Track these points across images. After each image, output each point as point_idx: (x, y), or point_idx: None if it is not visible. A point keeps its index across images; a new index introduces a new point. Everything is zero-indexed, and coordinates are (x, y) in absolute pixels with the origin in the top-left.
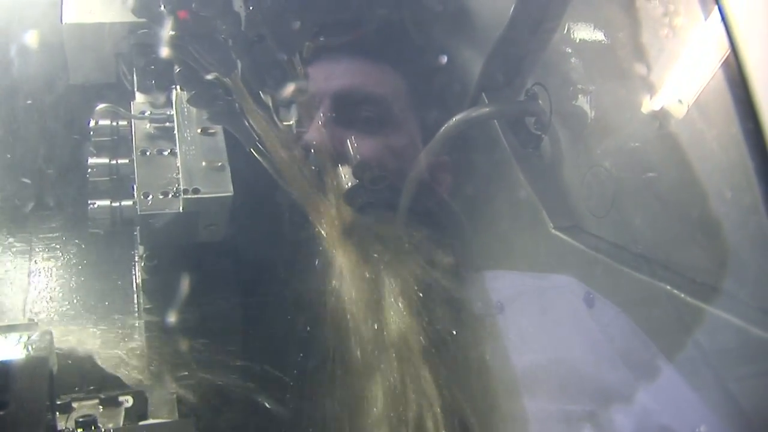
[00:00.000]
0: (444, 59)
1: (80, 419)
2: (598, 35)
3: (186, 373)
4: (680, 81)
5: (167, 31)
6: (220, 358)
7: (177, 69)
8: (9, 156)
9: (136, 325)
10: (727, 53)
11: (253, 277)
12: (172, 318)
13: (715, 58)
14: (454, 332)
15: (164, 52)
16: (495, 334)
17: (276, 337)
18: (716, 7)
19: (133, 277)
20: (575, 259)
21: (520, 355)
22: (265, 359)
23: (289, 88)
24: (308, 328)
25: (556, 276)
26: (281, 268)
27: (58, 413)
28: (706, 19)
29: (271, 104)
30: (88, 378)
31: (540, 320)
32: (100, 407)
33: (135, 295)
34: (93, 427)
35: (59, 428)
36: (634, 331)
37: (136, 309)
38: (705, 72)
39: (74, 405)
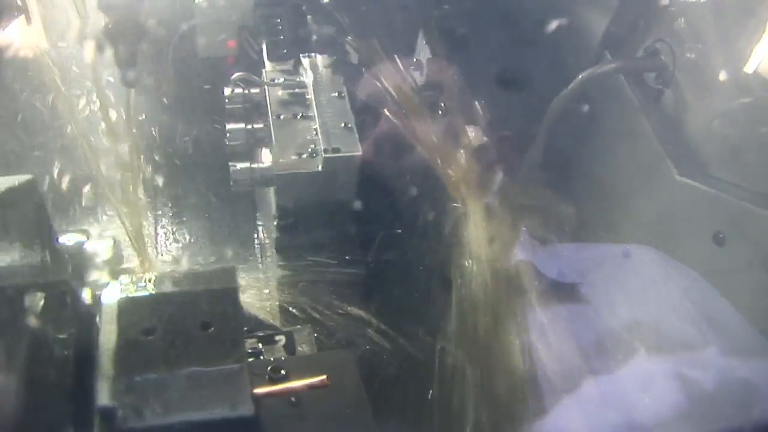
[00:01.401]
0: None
1: (249, 350)
2: None
3: (314, 318)
4: None
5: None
6: (346, 309)
7: (315, 37)
8: (141, 126)
9: (263, 278)
10: None
11: (380, 234)
12: (303, 273)
13: None
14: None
15: (307, 20)
16: (582, 300)
17: (403, 291)
18: None
19: (256, 235)
20: (701, 201)
21: (607, 318)
22: (390, 313)
23: (422, 53)
24: (432, 285)
25: (635, 246)
26: (408, 226)
27: None
28: None
29: (403, 68)
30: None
31: (623, 286)
32: (261, 344)
33: (259, 253)
34: (261, 357)
35: None
36: (712, 293)
37: (261, 264)
38: None
39: None
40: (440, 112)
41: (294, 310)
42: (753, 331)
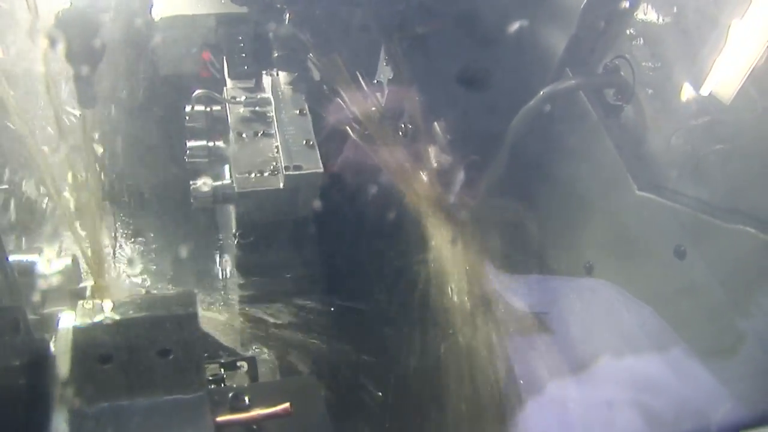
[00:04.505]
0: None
1: (210, 377)
2: (683, 11)
3: (279, 340)
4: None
5: (278, 18)
6: (308, 328)
7: (277, 54)
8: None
9: (226, 299)
10: None
11: (341, 251)
12: (264, 292)
13: None
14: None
15: (269, 37)
16: (544, 330)
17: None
18: None
19: (217, 255)
20: (662, 215)
21: (567, 348)
22: (352, 330)
23: (385, 72)
24: (394, 304)
25: (593, 280)
26: (369, 243)
27: None
28: None
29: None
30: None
31: (584, 319)
32: (222, 370)
33: (220, 272)
34: (223, 384)
35: None
36: (665, 328)
37: (223, 284)
38: None
39: None
40: (402, 134)
41: (257, 332)
42: (699, 363)
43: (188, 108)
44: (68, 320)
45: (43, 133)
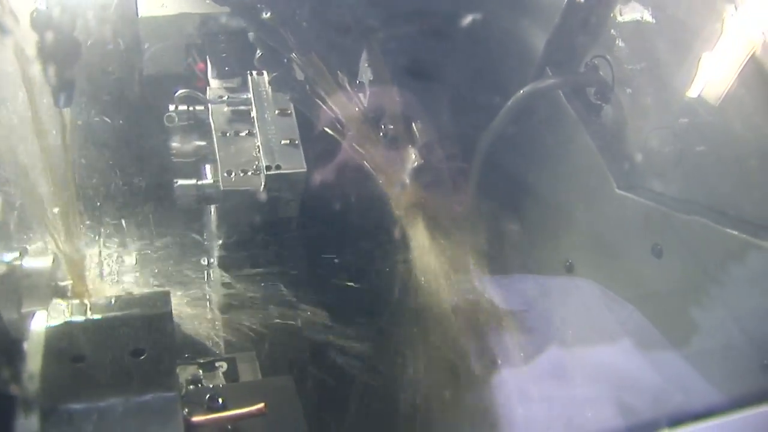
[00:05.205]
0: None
1: (187, 378)
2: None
3: (261, 340)
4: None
5: (257, 16)
6: (292, 327)
7: (259, 53)
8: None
9: (211, 298)
10: None
11: (323, 250)
12: (248, 291)
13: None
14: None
15: (250, 37)
16: (525, 328)
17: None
18: None
19: (203, 254)
20: (640, 214)
21: (549, 346)
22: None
23: (364, 73)
24: (375, 302)
25: (575, 278)
26: (350, 242)
27: None
28: None
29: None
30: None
31: (565, 317)
32: (200, 371)
33: (205, 271)
34: (200, 385)
35: None
36: (646, 325)
37: (208, 284)
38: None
39: (178, 369)
40: (383, 135)
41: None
42: (682, 361)
43: (171, 108)
44: (41, 320)
45: (22, 133)
